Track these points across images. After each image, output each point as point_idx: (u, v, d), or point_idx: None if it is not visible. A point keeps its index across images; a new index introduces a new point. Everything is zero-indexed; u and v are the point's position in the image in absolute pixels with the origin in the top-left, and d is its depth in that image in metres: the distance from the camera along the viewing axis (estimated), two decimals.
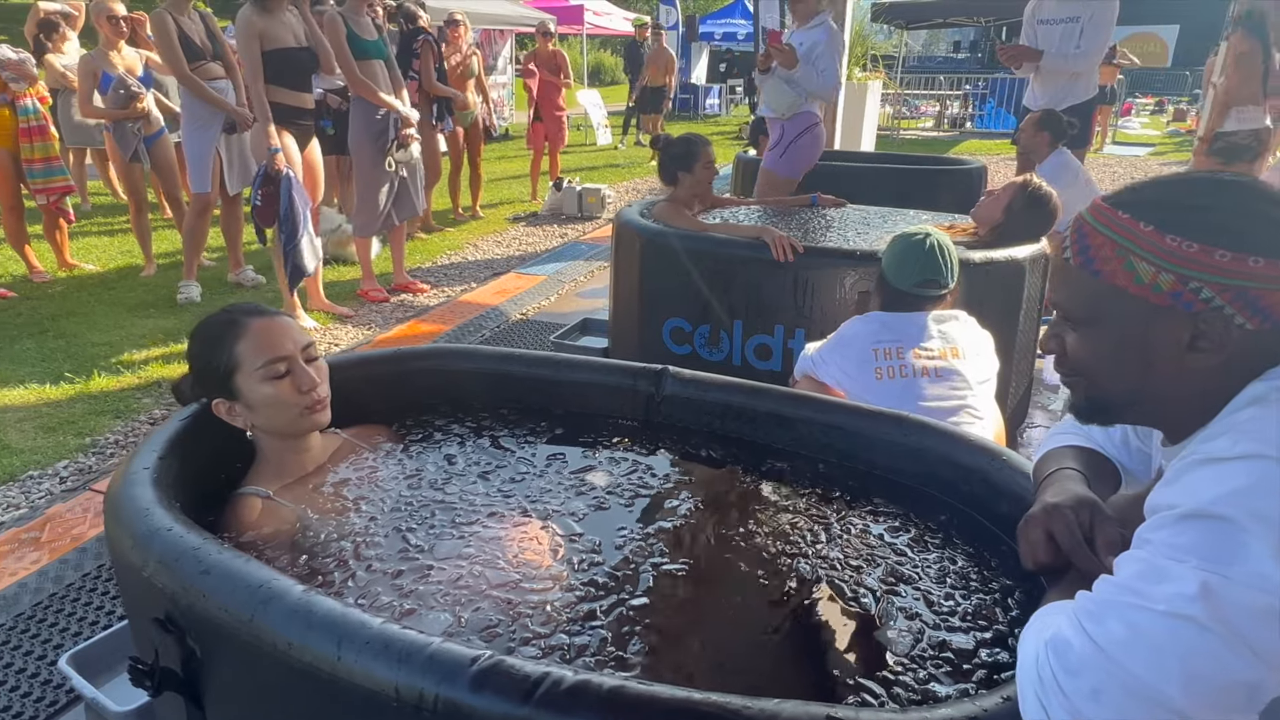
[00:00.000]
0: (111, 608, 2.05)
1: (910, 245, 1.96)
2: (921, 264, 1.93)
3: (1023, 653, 0.77)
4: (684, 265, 2.82)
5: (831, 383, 1.96)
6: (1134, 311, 0.80)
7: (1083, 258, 0.83)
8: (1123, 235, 0.80)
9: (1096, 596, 0.73)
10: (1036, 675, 0.72)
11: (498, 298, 4.69)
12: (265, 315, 1.34)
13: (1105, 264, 0.81)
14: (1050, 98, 4.45)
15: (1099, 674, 0.68)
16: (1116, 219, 0.81)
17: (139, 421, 3.16)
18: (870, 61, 10.98)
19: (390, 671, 0.82)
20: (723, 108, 18.56)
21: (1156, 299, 0.78)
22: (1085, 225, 0.84)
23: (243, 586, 0.92)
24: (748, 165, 4.65)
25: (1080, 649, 0.70)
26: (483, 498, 1.27)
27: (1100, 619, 0.70)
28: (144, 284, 4.90)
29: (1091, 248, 0.82)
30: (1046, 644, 0.73)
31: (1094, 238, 0.82)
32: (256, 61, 3.67)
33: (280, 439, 1.34)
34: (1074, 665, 0.70)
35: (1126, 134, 14.36)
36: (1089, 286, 0.83)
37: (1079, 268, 0.83)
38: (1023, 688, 0.75)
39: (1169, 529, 0.71)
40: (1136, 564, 0.72)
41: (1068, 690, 0.69)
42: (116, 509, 1.08)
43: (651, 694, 0.77)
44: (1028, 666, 0.74)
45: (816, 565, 1.15)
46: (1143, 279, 0.78)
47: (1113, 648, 0.68)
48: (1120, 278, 0.80)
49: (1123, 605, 0.70)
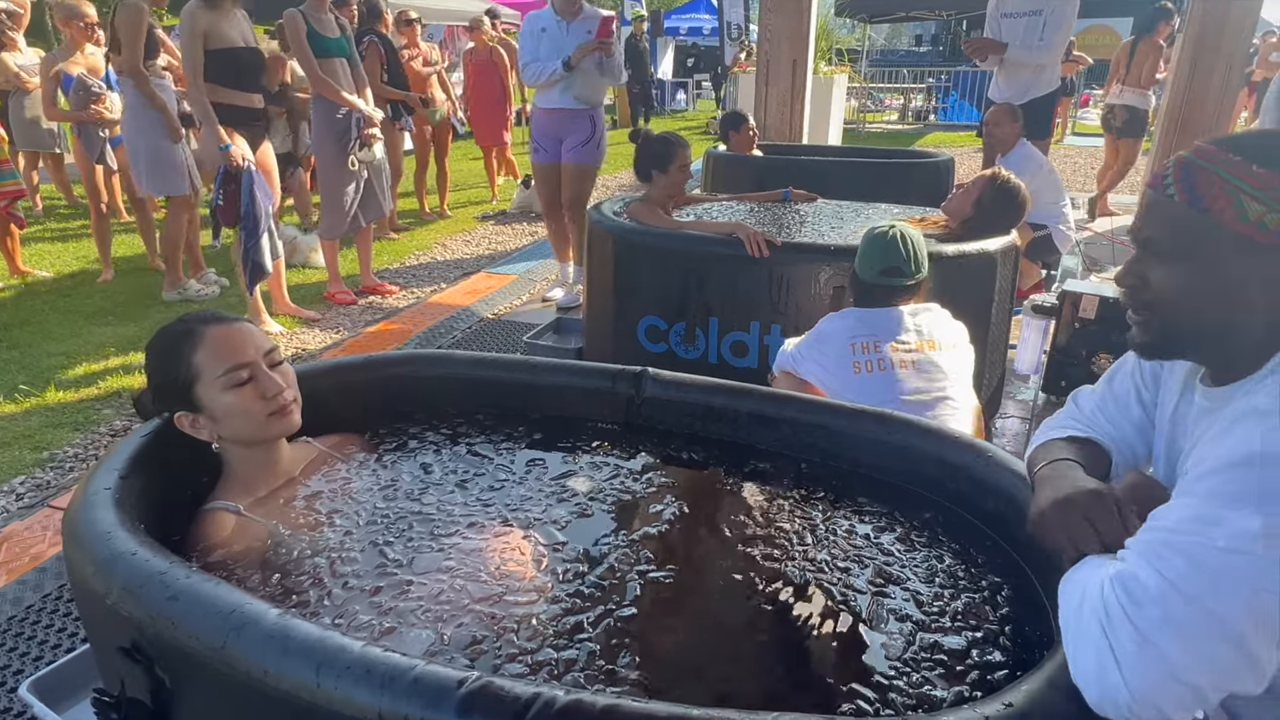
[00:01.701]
0: (74, 630, 1.97)
1: (874, 237, 1.99)
2: (885, 253, 1.96)
3: (1073, 598, 0.81)
4: (658, 263, 2.80)
5: (811, 379, 1.96)
6: (1234, 248, 0.84)
7: (1189, 194, 0.86)
8: (1235, 174, 0.84)
9: (1153, 538, 0.77)
10: (1103, 610, 0.75)
11: (468, 298, 4.63)
12: (223, 322, 1.29)
13: (1215, 201, 0.84)
14: (1014, 91, 4.51)
15: (1166, 604, 0.72)
16: (1229, 160, 0.85)
17: (99, 434, 3.06)
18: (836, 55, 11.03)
19: (373, 697, 0.79)
20: (689, 103, 18.55)
21: (1262, 237, 0.82)
22: (1193, 164, 0.87)
23: (214, 612, 0.88)
24: (718, 161, 4.63)
25: (1147, 580, 0.74)
26: (461, 507, 1.24)
27: (1162, 555, 0.75)
28: (101, 291, 4.76)
29: (1200, 184, 0.86)
30: (1112, 579, 0.77)
31: (1203, 175, 0.86)
32: (198, 60, 3.53)
33: (248, 449, 1.29)
34: (1141, 597, 0.74)
35: (1085, 124, 14.61)
36: (1191, 221, 0.86)
37: (1185, 204, 0.86)
38: (1082, 626, 0.77)
39: (1219, 476, 0.76)
40: (1187, 509, 0.76)
41: (1136, 620, 0.73)
42: (76, 533, 1.03)
43: (647, 712, 0.75)
44: (1092, 603, 0.77)
45: (804, 568, 1.13)
46: (1250, 217, 0.82)
47: (1179, 579, 0.72)
48: (1228, 214, 0.84)
49: (1183, 543, 0.74)
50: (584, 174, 4.26)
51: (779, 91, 6.11)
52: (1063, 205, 4.18)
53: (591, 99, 4.08)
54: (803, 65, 6.00)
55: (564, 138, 4.17)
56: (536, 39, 4.02)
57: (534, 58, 4.01)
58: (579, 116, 4.14)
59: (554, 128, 4.16)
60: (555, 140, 4.18)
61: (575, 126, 4.16)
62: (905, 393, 1.85)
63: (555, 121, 4.14)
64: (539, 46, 4.02)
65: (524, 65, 4.06)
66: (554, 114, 4.12)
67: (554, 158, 4.23)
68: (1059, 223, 4.14)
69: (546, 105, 4.14)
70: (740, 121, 4.65)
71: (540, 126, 4.22)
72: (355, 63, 4.17)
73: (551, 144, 4.20)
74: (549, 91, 4.08)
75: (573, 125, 4.16)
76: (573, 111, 4.11)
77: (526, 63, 4.03)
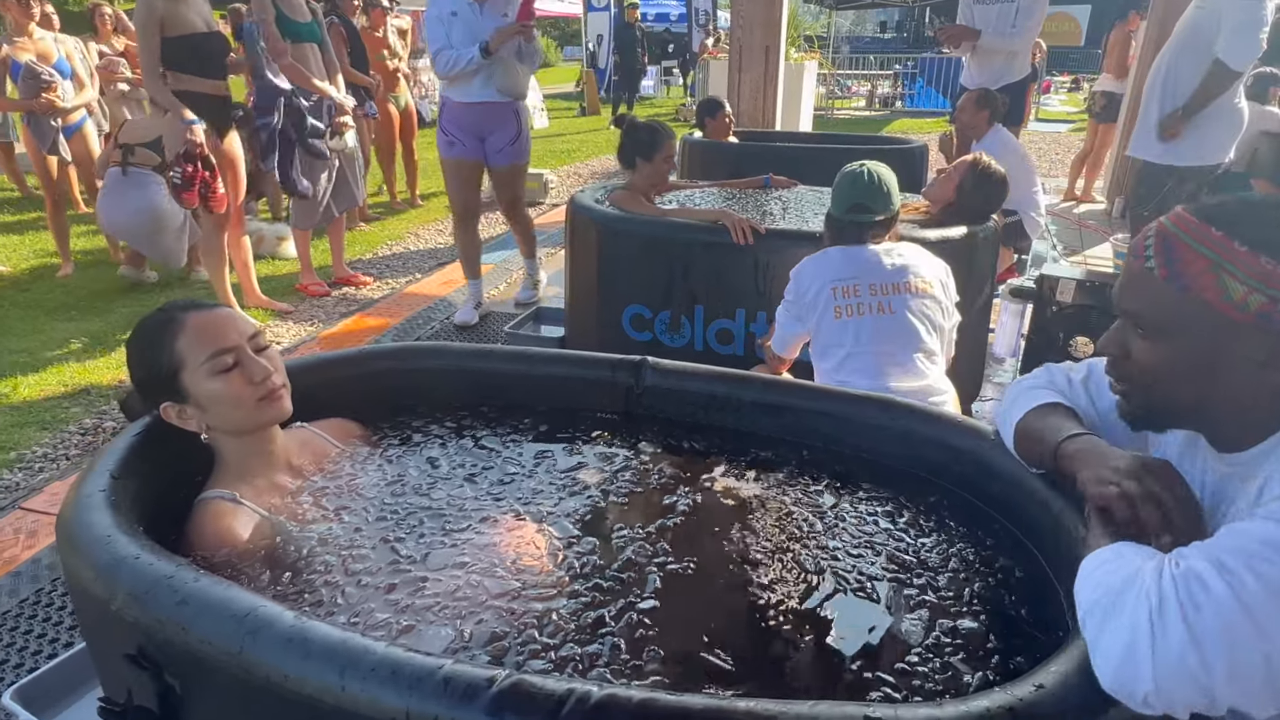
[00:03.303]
0: (55, 635, 1.92)
1: (845, 175, 2.05)
2: (854, 190, 2.01)
3: (1114, 577, 0.78)
4: (643, 251, 2.78)
5: (802, 329, 2.03)
6: (1214, 326, 0.83)
7: (1170, 270, 0.84)
8: (1217, 252, 0.82)
9: (1229, 546, 0.75)
10: (1157, 598, 0.73)
11: (444, 288, 4.57)
12: (203, 309, 1.26)
13: (1196, 279, 0.83)
14: (987, 77, 4.55)
15: (1228, 618, 0.70)
16: (1210, 235, 0.83)
17: (68, 432, 2.96)
18: (805, 42, 11.05)
19: (401, 698, 0.77)
20: (658, 89, 18.47)
21: (1242, 317, 0.81)
22: (1173, 237, 0.85)
23: (227, 616, 0.85)
24: (695, 148, 4.61)
25: (1215, 588, 0.72)
26: (472, 501, 1.22)
27: (1235, 570, 0.72)
28: (62, 285, 4.61)
29: (1180, 261, 0.84)
30: (1175, 574, 0.74)
31: (1183, 251, 0.84)
32: (154, 47, 3.39)
33: (239, 438, 1.25)
34: (1203, 601, 0.72)
35: (1047, 111, 14.83)
36: (1172, 298, 0.85)
37: (1165, 280, 0.85)
38: (1123, 607, 0.75)
39: None
40: (1268, 532, 0.74)
41: (1192, 621, 0.71)
42: (73, 537, 0.99)
43: (683, 704, 0.74)
44: (1144, 588, 0.75)
45: (818, 555, 1.13)
46: (1233, 296, 0.81)
47: (1249, 599, 0.70)
48: (1210, 293, 0.82)
49: (1261, 566, 0.72)
50: (519, 172, 3.93)
51: (752, 78, 6.11)
52: (1034, 191, 4.24)
53: (515, 90, 3.68)
54: (775, 51, 6.01)
55: (486, 135, 3.75)
56: (446, 24, 3.56)
57: (445, 44, 3.56)
58: (503, 111, 3.72)
59: (474, 123, 3.72)
60: (475, 137, 3.75)
61: (500, 122, 3.73)
62: (883, 338, 1.91)
63: (475, 117, 3.71)
64: (450, 32, 3.55)
65: (435, 54, 3.59)
66: (475, 109, 3.68)
67: (474, 154, 3.78)
68: (1030, 208, 4.20)
69: (464, 99, 3.67)
70: (717, 108, 4.64)
71: (455, 120, 3.73)
72: (326, 48, 4.07)
73: (470, 139, 3.75)
74: (466, 83, 3.62)
75: (497, 121, 3.73)
76: (497, 105, 3.69)
77: (438, 50, 3.55)
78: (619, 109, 12.29)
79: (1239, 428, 0.87)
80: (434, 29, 3.59)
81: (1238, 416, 0.86)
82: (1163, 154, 3.63)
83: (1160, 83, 3.57)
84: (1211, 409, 0.87)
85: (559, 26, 27.63)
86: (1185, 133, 3.51)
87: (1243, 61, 3.30)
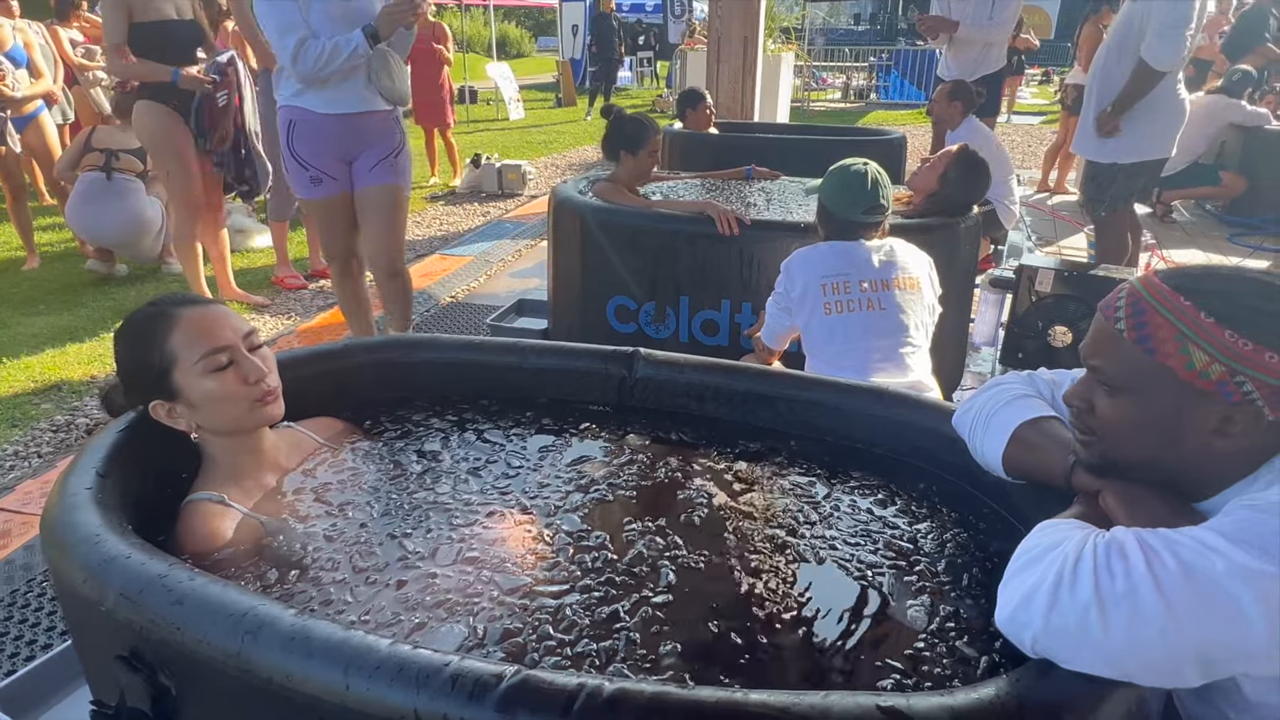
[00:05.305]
0: (32, 637, 1.87)
1: (855, 175, 2.02)
2: (868, 193, 2.00)
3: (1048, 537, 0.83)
4: (628, 242, 2.77)
5: (791, 323, 2.04)
6: (1176, 391, 0.86)
7: (1138, 334, 0.87)
8: (1184, 322, 0.85)
9: (1160, 534, 0.78)
10: (1074, 556, 0.77)
11: (424, 281, 4.52)
12: (198, 304, 1.23)
13: (1161, 345, 0.86)
14: (964, 68, 4.59)
15: (1137, 589, 0.73)
16: (1179, 305, 0.85)
17: (38, 429, 2.89)
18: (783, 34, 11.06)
19: (408, 696, 0.75)
20: (635, 80, 18.40)
21: (1202, 384, 0.84)
22: (1143, 302, 0.88)
23: (225, 616, 0.83)
24: (676, 139, 4.60)
25: (1133, 560, 0.75)
26: (477, 496, 1.20)
27: (1158, 551, 0.75)
28: (29, 278, 4.49)
29: (1148, 326, 0.87)
30: (1100, 542, 0.78)
31: (1152, 317, 0.87)
32: (120, 33, 3.30)
33: (229, 438, 1.22)
34: (1117, 569, 0.75)
35: (1020, 103, 15.01)
36: (1137, 360, 0.88)
37: (1132, 342, 0.88)
38: (1042, 559, 0.80)
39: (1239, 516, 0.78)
40: (1201, 530, 0.78)
41: (1101, 583, 0.74)
42: (59, 537, 0.96)
43: (695, 698, 0.74)
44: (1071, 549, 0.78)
45: (817, 545, 1.14)
46: (1195, 365, 0.84)
47: (1164, 577, 0.73)
48: (1174, 360, 0.85)
49: (1185, 553, 0.75)
50: (397, 203, 2.84)
51: (730, 69, 6.11)
52: (1009, 180, 4.28)
53: (402, 90, 2.73)
54: (753, 43, 6.01)
55: (357, 155, 2.77)
56: (298, 5, 2.54)
57: (305, 30, 2.54)
58: (385, 120, 2.78)
59: (342, 143, 2.73)
60: (341, 162, 2.77)
61: (379, 135, 2.77)
62: (872, 334, 1.93)
63: (346, 133, 2.72)
64: (309, 14, 2.55)
65: (288, 46, 2.53)
66: (347, 121, 2.69)
67: (344, 186, 2.80)
68: (1004, 198, 4.25)
69: (335, 110, 2.66)
70: (698, 99, 4.63)
71: (316, 140, 2.70)
72: None
73: (336, 167, 2.76)
74: (335, 87, 2.63)
75: (376, 134, 2.76)
76: (379, 115, 2.76)
77: (299, 39, 2.51)
78: (596, 100, 12.21)
79: (1195, 484, 0.91)
80: (281, 9, 2.55)
81: (1193, 474, 0.90)
82: (1103, 152, 3.57)
83: (1097, 80, 3.53)
84: (1168, 466, 0.91)
85: (533, 16, 27.42)
86: (1124, 129, 3.46)
87: (1165, 62, 3.22)
